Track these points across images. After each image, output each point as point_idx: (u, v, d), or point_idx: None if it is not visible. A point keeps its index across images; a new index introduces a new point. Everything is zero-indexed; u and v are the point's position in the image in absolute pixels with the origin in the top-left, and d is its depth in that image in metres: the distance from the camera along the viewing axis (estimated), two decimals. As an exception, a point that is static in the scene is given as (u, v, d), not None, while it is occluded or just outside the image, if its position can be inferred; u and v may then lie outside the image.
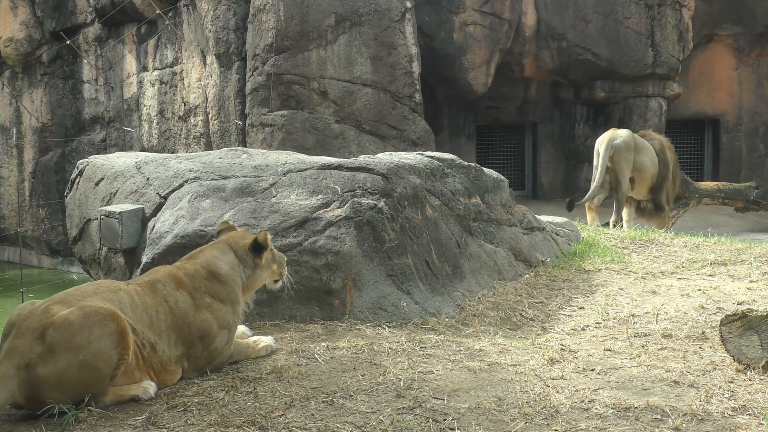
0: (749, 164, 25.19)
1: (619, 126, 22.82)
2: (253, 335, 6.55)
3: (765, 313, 6.14)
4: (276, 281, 6.55)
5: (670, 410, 5.24)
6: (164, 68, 22.09)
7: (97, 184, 9.30)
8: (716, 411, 5.27)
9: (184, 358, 5.86)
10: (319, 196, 7.95)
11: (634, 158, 15.80)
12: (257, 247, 6.26)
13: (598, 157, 15.89)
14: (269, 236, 6.34)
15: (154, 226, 8.13)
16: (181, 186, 8.48)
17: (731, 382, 5.84)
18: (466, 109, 23.70)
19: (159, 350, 5.66)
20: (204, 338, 5.89)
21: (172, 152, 19.48)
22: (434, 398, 5.39)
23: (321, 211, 7.79)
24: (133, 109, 22.97)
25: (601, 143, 15.96)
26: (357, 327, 7.12)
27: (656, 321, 7.50)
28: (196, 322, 5.85)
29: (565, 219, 11.99)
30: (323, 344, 6.53)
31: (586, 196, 16.13)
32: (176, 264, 6.19)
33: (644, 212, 16.64)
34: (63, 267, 24.36)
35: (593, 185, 15.98)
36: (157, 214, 8.32)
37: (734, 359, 6.19)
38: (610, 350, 6.65)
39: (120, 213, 8.30)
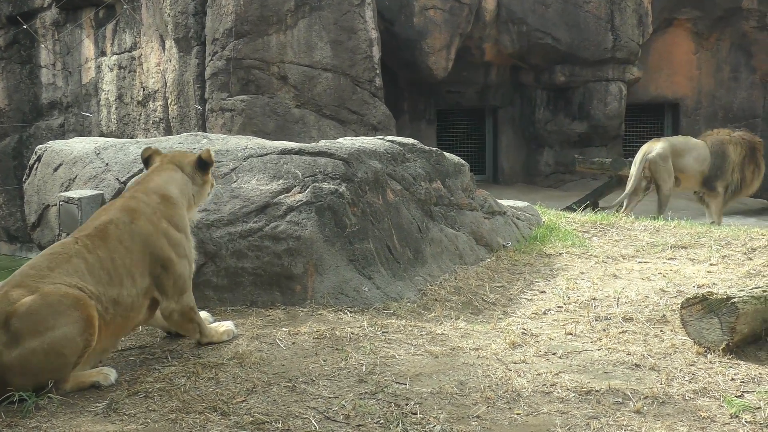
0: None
1: (579, 110, 23.02)
2: (215, 321, 6.53)
3: (725, 297, 6.18)
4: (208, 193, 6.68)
5: (631, 393, 5.27)
6: (123, 53, 21.92)
7: (55, 169, 9.24)
8: (677, 394, 5.31)
9: (153, 288, 5.86)
10: (280, 181, 7.93)
11: (675, 162, 16.61)
12: (203, 165, 6.30)
13: (635, 166, 16.80)
14: (212, 152, 6.40)
15: (113, 212, 8.07)
16: (140, 171, 8.42)
17: (692, 365, 5.88)
18: (427, 93, 23.65)
19: (122, 298, 5.62)
20: (167, 267, 5.87)
21: (131, 137, 19.32)
22: (396, 383, 5.40)
23: (282, 196, 7.76)
24: (91, 94, 22.79)
25: (637, 155, 16.92)
26: (318, 312, 7.11)
27: (617, 305, 7.53)
28: (155, 251, 5.84)
29: (525, 203, 12.01)
30: (285, 330, 6.52)
31: (617, 200, 16.97)
32: (129, 193, 6.12)
33: (701, 200, 17.39)
34: (21, 253, 24.14)
35: (625, 192, 16.90)
36: (117, 200, 8.27)
37: (695, 342, 6.23)
38: (571, 334, 6.67)
39: (79, 199, 8.24)
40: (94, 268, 5.56)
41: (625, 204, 16.60)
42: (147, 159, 6.47)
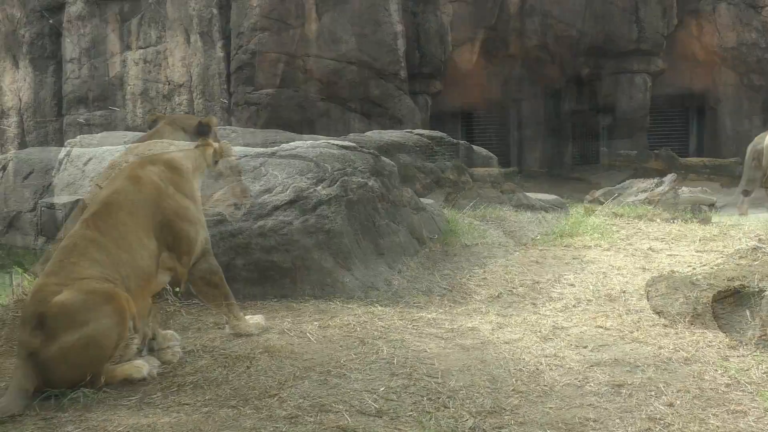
0: (734, 140, 25.18)
1: (604, 103, 22.90)
2: (245, 315, 6.53)
3: (757, 290, 6.15)
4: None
5: (663, 387, 5.25)
6: (148, 47, 21.97)
7: (86, 164, 9.26)
8: (709, 387, 5.29)
9: (164, 248, 5.84)
10: (309, 175, 7.93)
11: None
12: (202, 129, 6.33)
13: (746, 161, 17.22)
14: (215, 120, 6.45)
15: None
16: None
17: (724, 359, 5.85)
18: (452, 86, 23.63)
19: (140, 269, 5.63)
20: (178, 235, 5.90)
21: (157, 131, 19.35)
22: (428, 376, 5.39)
23: (311, 190, 7.76)
24: (117, 89, 22.85)
25: (748, 148, 17.22)
26: (348, 305, 7.11)
27: (647, 298, 7.50)
28: (164, 218, 5.84)
29: (553, 196, 11.99)
30: (315, 323, 6.52)
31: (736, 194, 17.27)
32: (135, 160, 6.09)
33: None
34: (48, 247, 24.21)
35: (740, 185, 17.37)
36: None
37: (726, 335, 6.20)
38: (602, 327, 6.65)
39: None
40: (111, 254, 5.54)
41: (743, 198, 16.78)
42: (153, 123, 6.49)
